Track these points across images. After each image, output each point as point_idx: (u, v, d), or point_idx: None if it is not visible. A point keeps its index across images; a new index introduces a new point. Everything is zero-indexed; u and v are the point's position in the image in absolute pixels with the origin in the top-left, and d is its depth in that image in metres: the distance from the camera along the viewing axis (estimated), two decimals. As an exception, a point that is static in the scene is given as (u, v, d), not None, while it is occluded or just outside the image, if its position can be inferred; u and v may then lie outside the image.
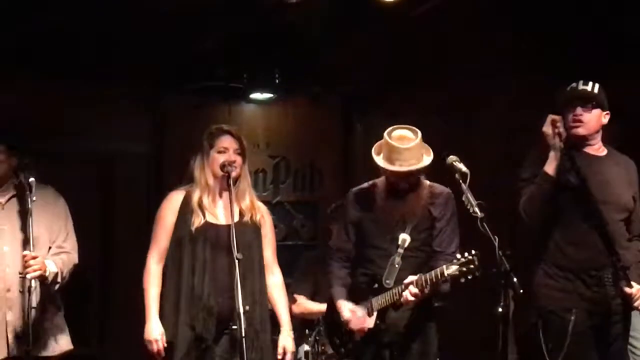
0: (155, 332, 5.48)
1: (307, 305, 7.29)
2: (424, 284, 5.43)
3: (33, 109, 7.45)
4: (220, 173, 5.60)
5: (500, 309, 4.87)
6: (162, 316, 5.53)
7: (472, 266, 5.21)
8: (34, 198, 5.43)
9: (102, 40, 7.33)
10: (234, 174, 5.56)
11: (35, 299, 5.27)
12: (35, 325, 5.34)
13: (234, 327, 5.30)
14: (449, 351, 6.23)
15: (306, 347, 6.92)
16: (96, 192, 8.29)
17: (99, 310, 8.16)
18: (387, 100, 8.64)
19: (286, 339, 5.71)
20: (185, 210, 5.59)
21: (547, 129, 5.43)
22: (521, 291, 4.89)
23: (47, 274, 5.49)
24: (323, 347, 6.81)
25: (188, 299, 5.46)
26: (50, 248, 5.68)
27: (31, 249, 5.40)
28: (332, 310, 6.02)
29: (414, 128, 5.71)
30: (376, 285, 5.74)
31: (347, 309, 5.79)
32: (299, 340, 7.00)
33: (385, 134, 5.70)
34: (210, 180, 5.64)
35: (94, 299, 8.14)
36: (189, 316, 5.44)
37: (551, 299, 5.52)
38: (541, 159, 5.55)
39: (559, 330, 5.43)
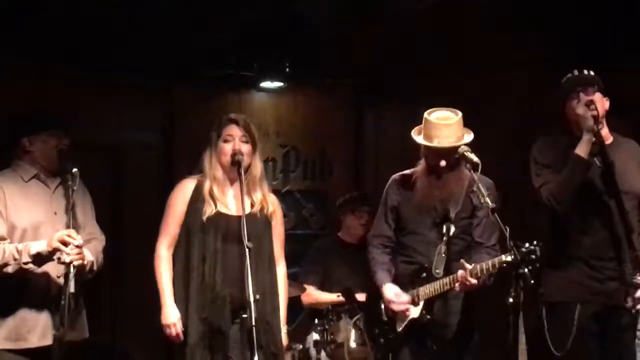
0: (172, 316, 5.44)
1: (317, 295, 7.30)
2: (478, 272, 5.39)
3: (44, 97, 7.44)
4: (227, 163, 5.57)
5: (510, 299, 4.88)
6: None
7: (533, 257, 5.04)
8: (75, 188, 5.44)
9: (113, 30, 7.32)
10: (243, 163, 5.53)
11: (73, 285, 5.26)
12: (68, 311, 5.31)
13: (244, 315, 5.29)
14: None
15: (315, 336, 6.93)
16: (106, 182, 8.27)
17: (109, 300, 8.16)
18: (399, 92, 8.62)
19: None
20: (197, 199, 5.56)
21: (582, 110, 5.39)
22: (532, 282, 4.89)
23: (85, 262, 5.50)
24: (332, 336, 6.81)
25: (198, 288, 5.43)
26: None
27: None
28: (372, 300, 6.00)
29: (454, 110, 5.71)
30: (424, 275, 5.71)
31: (393, 292, 5.77)
32: (308, 329, 7.03)
33: (425, 114, 5.70)
34: (219, 172, 5.61)
35: (105, 288, 8.15)
36: (200, 305, 5.41)
37: (558, 290, 5.51)
38: (557, 144, 5.54)
39: (564, 321, 5.42)
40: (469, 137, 5.65)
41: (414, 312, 5.72)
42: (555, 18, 7.04)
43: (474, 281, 5.41)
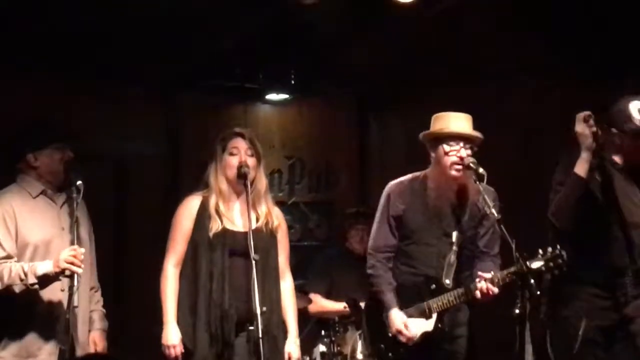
0: (174, 337, 5.46)
1: (323, 303, 7.30)
2: (500, 281, 5.33)
3: (48, 108, 7.43)
4: (233, 175, 5.57)
5: (517, 310, 4.86)
6: (178, 321, 5.51)
7: (560, 261, 5.10)
8: (79, 200, 5.43)
9: (118, 40, 7.32)
10: (249, 176, 5.52)
11: (77, 299, 5.24)
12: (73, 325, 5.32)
13: (251, 327, 5.29)
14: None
15: (322, 348, 6.91)
16: (111, 193, 8.26)
17: (113, 311, 8.15)
18: (403, 101, 8.62)
19: (292, 346, 5.65)
20: (203, 216, 5.57)
21: (580, 128, 5.23)
22: (537, 292, 4.87)
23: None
24: (339, 348, 6.80)
25: (206, 305, 5.44)
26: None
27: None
28: (374, 314, 5.88)
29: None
30: (434, 286, 5.62)
31: (401, 321, 5.65)
32: (314, 340, 7.01)
33: (434, 115, 5.68)
34: (224, 185, 5.61)
35: (109, 300, 8.14)
36: (207, 321, 5.43)
37: (563, 304, 5.46)
38: (573, 161, 5.42)
39: (568, 332, 5.37)
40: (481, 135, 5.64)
41: (427, 325, 5.63)
42: (557, 20, 7.04)
43: (496, 290, 5.35)
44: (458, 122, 5.61)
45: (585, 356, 5.36)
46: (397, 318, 5.66)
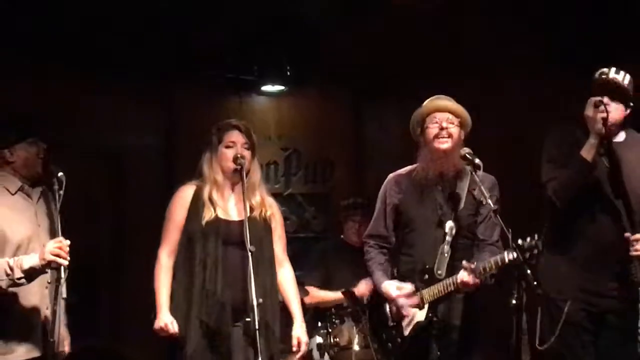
0: (166, 318, 5.45)
1: (319, 294, 7.30)
2: (481, 271, 5.31)
3: (45, 100, 7.43)
4: (229, 167, 5.59)
5: (514, 301, 4.86)
6: (172, 311, 5.50)
7: (535, 251, 5.04)
8: (62, 192, 5.31)
9: (114, 33, 7.32)
10: (245, 168, 5.53)
11: (65, 291, 5.18)
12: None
13: (248, 319, 5.29)
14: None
15: (318, 339, 6.92)
16: (107, 185, 8.28)
17: (110, 304, 8.16)
18: (398, 92, 8.61)
19: (299, 330, 5.69)
20: (197, 205, 5.57)
21: (591, 112, 5.26)
22: (535, 283, 4.86)
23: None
24: (335, 339, 6.81)
25: (200, 294, 5.44)
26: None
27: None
28: (376, 304, 5.91)
29: None
30: (427, 277, 5.61)
31: (394, 287, 5.68)
32: (310, 332, 7.01)
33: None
34: (219, 176, 5.62)
35: (105, 292, 8.15)
36: (201, 311, 5.42)
37: (549, 286, 5.42)
38: (570, 138, 5.43)
39: (552, 318, 5.38)
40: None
41: (420, 315, 5.63)
42: (555, 17, 7.05)
43: (476, 281, 5.35)
44: (441, 101, 5.72)
45: (570, 340, 5.39)
46: (389, 287, 5.71)
